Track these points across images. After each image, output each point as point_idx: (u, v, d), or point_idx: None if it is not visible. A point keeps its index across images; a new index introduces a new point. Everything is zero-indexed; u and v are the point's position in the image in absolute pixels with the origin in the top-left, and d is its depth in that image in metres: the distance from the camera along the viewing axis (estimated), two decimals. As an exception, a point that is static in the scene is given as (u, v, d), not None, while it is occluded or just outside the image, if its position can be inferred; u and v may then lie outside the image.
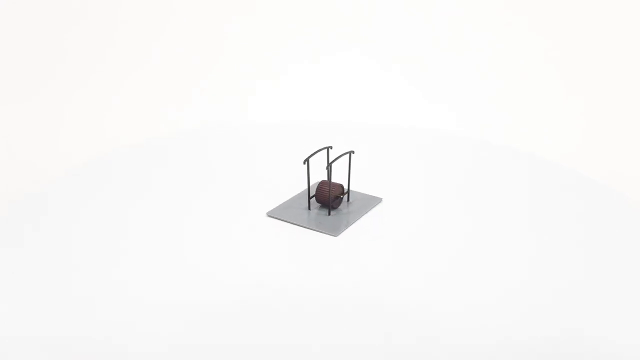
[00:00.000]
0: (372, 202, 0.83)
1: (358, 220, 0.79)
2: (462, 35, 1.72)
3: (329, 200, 0.79)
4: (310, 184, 0.87)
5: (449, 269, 0.69)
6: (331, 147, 0.83)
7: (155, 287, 0.65)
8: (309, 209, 0.81)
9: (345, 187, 0.85)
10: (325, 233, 0.75)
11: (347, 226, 0.77)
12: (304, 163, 0.80)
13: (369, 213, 0.81)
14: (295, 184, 0.88)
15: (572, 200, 0.86)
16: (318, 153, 0.83)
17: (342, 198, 0.81)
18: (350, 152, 0.82)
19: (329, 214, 0.79)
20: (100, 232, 0.76)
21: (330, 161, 0.79)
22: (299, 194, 0.86)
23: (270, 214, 0.80)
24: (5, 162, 1.52)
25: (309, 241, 0.74)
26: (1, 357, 0.55)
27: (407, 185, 0.90)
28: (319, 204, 0.82)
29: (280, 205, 0.82)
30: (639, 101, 1.62)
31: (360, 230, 0.77)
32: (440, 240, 0.75)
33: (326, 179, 0.85)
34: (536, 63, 1.70)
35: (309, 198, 0.81)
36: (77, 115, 1.66)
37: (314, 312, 0.61)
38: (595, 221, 0.80)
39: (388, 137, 1.14)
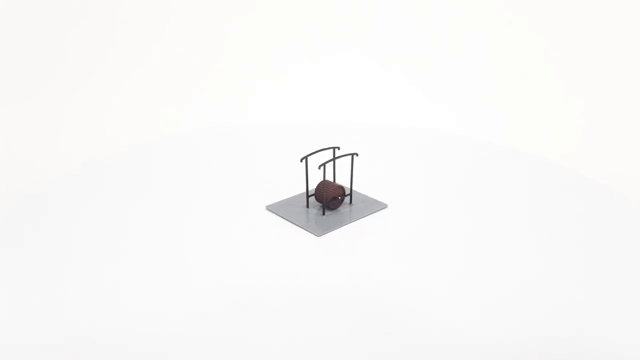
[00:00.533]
0: (374, 206, 0.82)
1: (357, 222, 0.78)
2: (462, 35, 1.72)
3: (323, 200, 0.80)
4: (317, 184, 0.87)
5: (449, 269, 0.69)
6: (338, 148, 0.83)
7: (155, 288, 0.65)
8: (307, 207, 0.82)
9: (347, 189, 0.85)
10: (309, 231, 0.75)
11: (335, 228, 0.76)
12: (301, 161, 0.81)
13: (367, 215, 0.80)
14: (299, 183, 0.88)
15: (572, 200, 0.86)
16: (326, 153, 0.83)
17: (340, 199, 0.81)
18: (353, 155, 0.82)
19: (324, 214, 0.80)
20: (100, 232, 0.76)
21: (325, 162, 0.79)
22: (303, 193, 0.86)
23: (269, 208, 0.81)
24: (5, 162, 1.52)
25: (309, 242, 0.74)
26: (1, 357, 0.55)
27: (406, 186, 0.90)
28: (319, 204, 0.82)
29: (280, 201, 0.83)
30: (639, 101, 1.63)
31: (361, 231, 0.77)
32: (439, 241, 0.75)
33: (331, 179, 0.85)
34: (536, 63, 1.70)
35: (307, 196, 0.82)
36: (77, 116, 1.66)
37: (313, 313, 0.61)
38: (595, 221, 0.79)
39: (388, 137, 1.14)
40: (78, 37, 1.71)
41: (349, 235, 0.76)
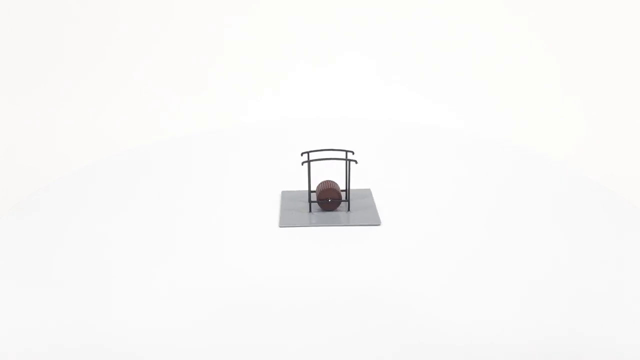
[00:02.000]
0: (367, 219, 0.80)
1: (333, 227, 0.78)
2: (463, 35, 1.72)
3: (309, 198, 0.82)
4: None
5: (446, 269, 0.69)
6: (352, 152, 0.83)
7: (155, 289, 0.65)
8: (309, 202, 0.84)
9: (343, 192, 0.85)
10: (277, 222, 0.78)
11: (305, 225, 0.78)
12: (302, 155, 0.83)
13: (350, 225, 0.79)
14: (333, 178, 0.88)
15: (572, 200, 0.86)
16: (332, 153, 0.85)
17: (330, 202, 0.81)
18: (350, 161, 0.82)
19: (310, 211, 0.81)
20: (101, 233, 0.76)
21: (310, 160, 0.80)
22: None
23: (284, 193, 0.86)
24: (6, 163, 1.52)
25: (308, 243, 0.74)
26: (0, 357, 0.55)
27: (405, 186, 0.90)
28: (321, 200, 0.83)
29: (294, 192, 0.87)
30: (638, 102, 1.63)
31: (361, 234, 0.76)
32: (437, 242, 0.75)
33: (341, 180, 0.85)
34: (537, 63, 1.70)
35: (309, 192, 0.83)
36: (78, 117, 1.66)
37: (309, 314, 0.61)
38: (596, 222, 0.79)
39: (388, 137, 1.14)
40: (77, 42, 1.72)
41: (353, 237, 0.75)
